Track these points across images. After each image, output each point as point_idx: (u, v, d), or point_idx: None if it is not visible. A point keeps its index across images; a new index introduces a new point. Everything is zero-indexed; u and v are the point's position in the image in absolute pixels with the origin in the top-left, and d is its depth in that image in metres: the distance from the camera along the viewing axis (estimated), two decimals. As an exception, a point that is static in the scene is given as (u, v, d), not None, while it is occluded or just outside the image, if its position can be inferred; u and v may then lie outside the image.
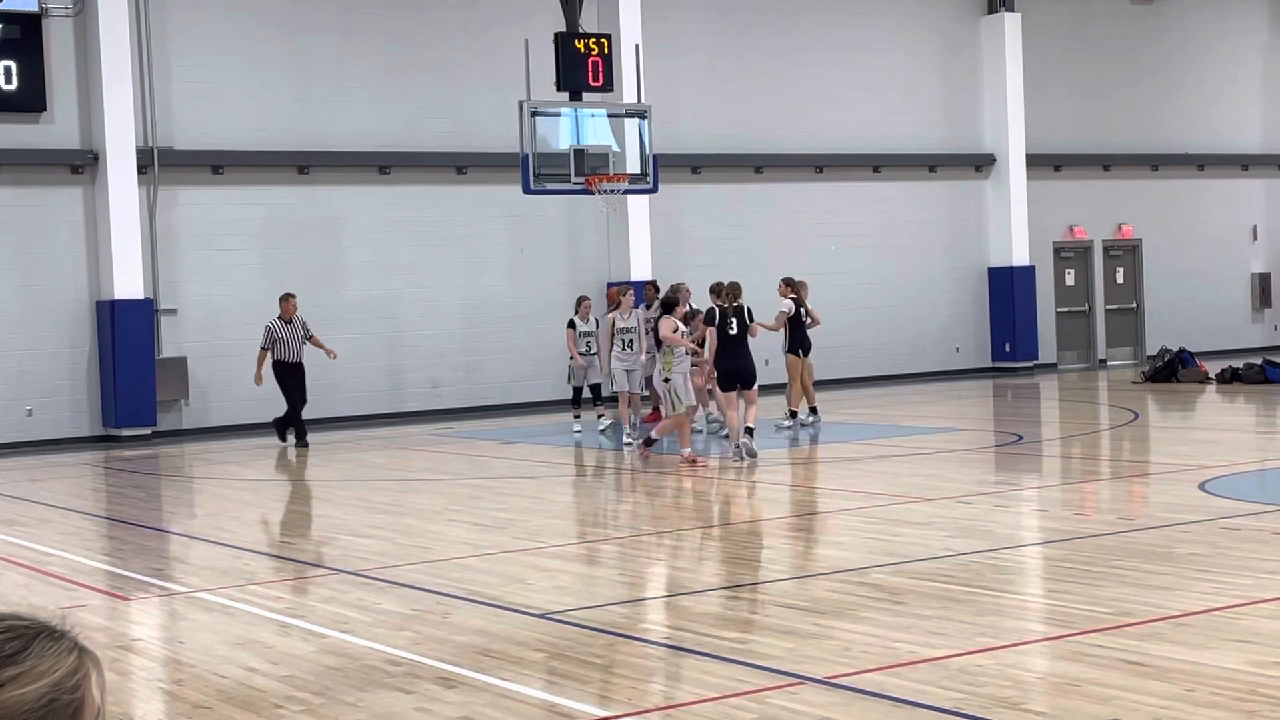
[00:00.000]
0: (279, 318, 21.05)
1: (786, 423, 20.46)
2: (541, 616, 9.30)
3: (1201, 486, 13.77)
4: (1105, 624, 8.39)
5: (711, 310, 17.59)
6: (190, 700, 7.66)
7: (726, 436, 19.20)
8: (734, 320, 17.18)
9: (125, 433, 22.41)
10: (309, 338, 21.14)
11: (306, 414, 23.86)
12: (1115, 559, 10.41)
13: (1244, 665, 7.36)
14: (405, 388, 24.83)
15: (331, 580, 10.88)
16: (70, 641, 1.62)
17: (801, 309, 20.77)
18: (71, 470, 19.78)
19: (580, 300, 21.74)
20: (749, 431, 16.93)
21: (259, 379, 21.13)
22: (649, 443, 17.66)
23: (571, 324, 21.42)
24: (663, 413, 17.28)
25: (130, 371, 22.28)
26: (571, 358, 21.38)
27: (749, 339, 17.31)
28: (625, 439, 19.20)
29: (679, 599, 10.02)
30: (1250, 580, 9.49)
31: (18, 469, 19.79)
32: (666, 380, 17.16)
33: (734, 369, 17.08)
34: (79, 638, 1.65)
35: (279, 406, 24.63)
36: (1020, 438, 19.50)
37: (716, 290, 17.88)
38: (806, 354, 20.72)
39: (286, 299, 21.18)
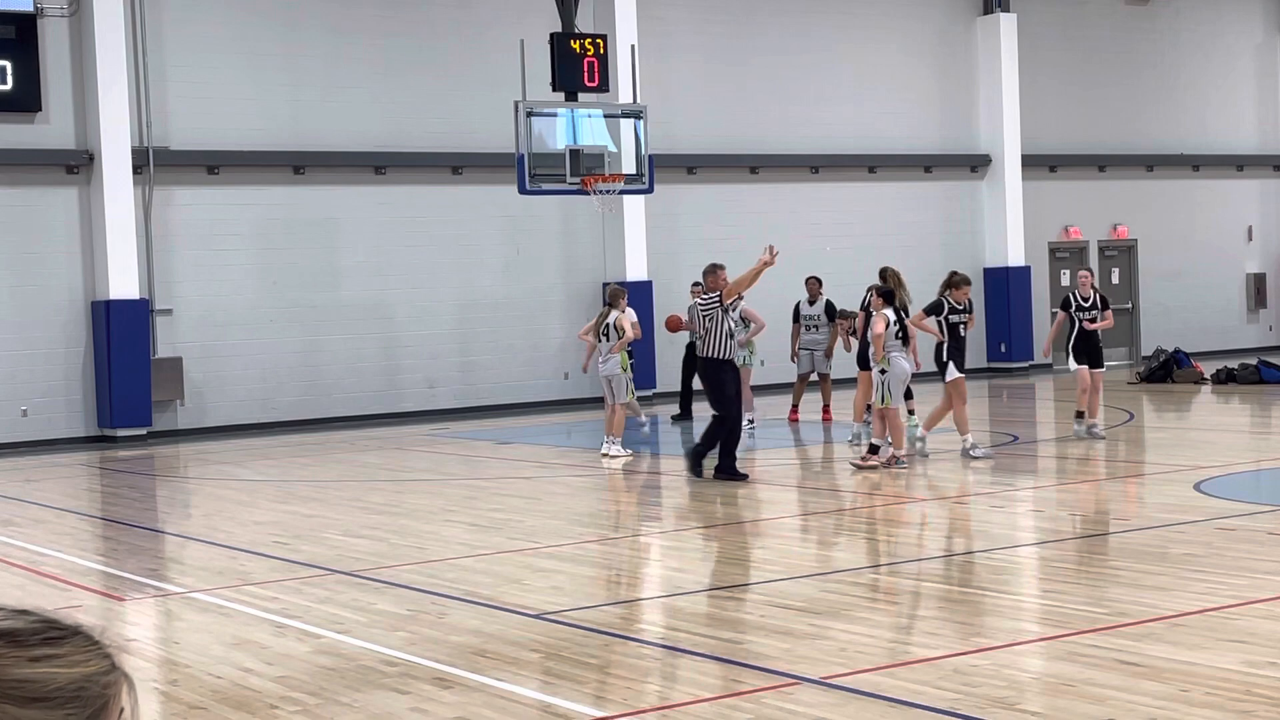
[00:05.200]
0: (702, 296, 16.08)
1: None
2: (537, 617, 9.30)
3: (1197, 487, 13.78)
4: (1100, 624, 8.39)
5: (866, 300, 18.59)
6: (185, 701, 7.66)
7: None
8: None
9: (120, 433, 22.39)
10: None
11: (303, 414, 23.89)
12: (1110, 559, 10.42)
13: (1239, 665, 7.37)
14: (401, 388, 24.82)
15: (327, 581, 10.88)
16: (106, 649, 1.66)
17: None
18: (66, 471, 19.76)
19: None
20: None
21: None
22: (874, 449, 16.21)
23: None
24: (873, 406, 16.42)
25: (125, 372, 22.26)
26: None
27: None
28: (603, 450, 18.46)
29: (674, 599, 10.02)
30: (1245, 580, 9.51)
31: (13, 469, 19.77)
32: (883, 372, 16.17)
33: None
34: (117, 652, 1.69)
35: (275, 406, 24.62)
36: (1016, 438, 19.51)
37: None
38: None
39: (714, 271, 16.14)
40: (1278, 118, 34.06)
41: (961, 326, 17.25)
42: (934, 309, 17.31)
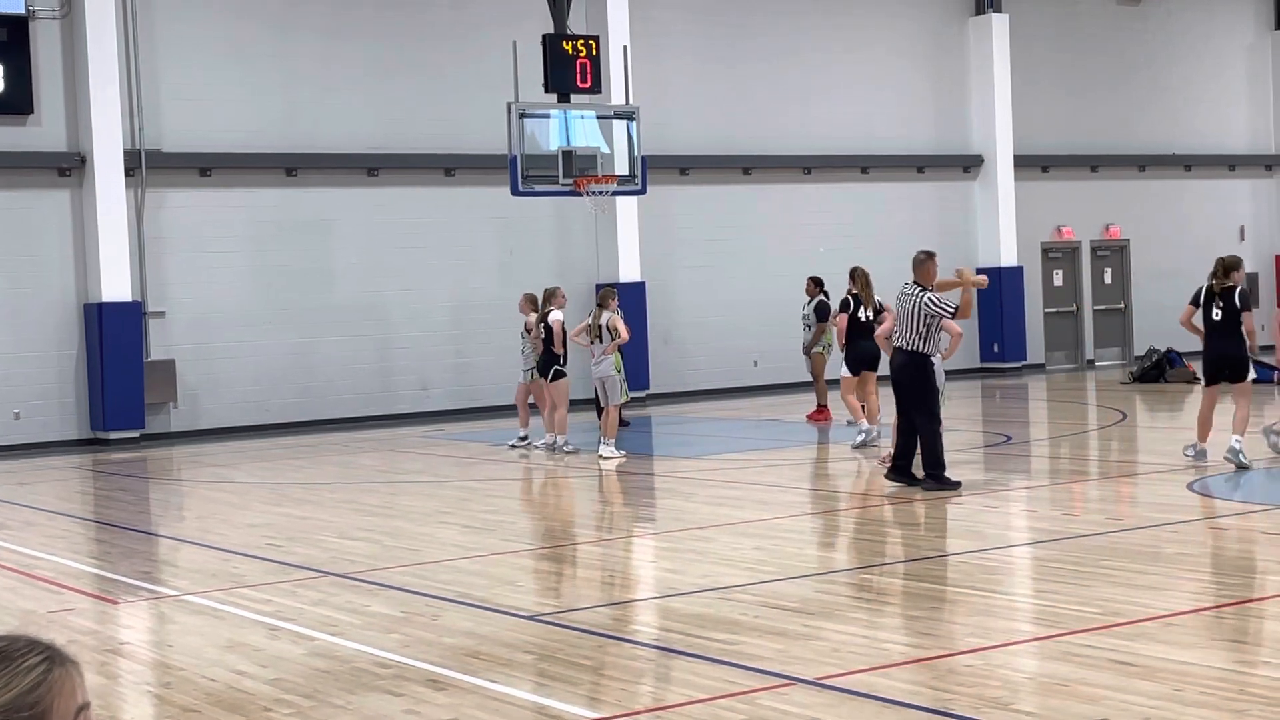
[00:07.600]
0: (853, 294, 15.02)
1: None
2: (530, 618, 9.30)
3: (1189, 486, 13.80)
4: (1094, 624, 8.40)
5: (845, 300, 18.57)
6: (179, 704, 7.65)
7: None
8: (1220, 302, 15.37)
9: (113, 436, 22.36)
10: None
11: (297, 416, 23.86)
12: (1103, 559, 10.43)
13: (1232, 665, 7.37)
14: (395, 390, 24.81)
15: (321, 583, 10.87)
16: (33, 659, 1.58)
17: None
18: (60, 473, 19.74)
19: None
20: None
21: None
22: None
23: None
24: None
25: (118, 374, 22.24)
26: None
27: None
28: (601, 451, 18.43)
29: (668, 600, 10.02)
30: (1238, 580, 9.52)
31: (5, 472, 19.74)
32: None
33: (1223, 355, 15.35)
34: (44, 648, 1.62)
35: (269, 408, 24.65)
36: (1008, 438, 19.53)
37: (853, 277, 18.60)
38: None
39: (926, 260, 15.16)
40: (1269, 118, 34.12)
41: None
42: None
